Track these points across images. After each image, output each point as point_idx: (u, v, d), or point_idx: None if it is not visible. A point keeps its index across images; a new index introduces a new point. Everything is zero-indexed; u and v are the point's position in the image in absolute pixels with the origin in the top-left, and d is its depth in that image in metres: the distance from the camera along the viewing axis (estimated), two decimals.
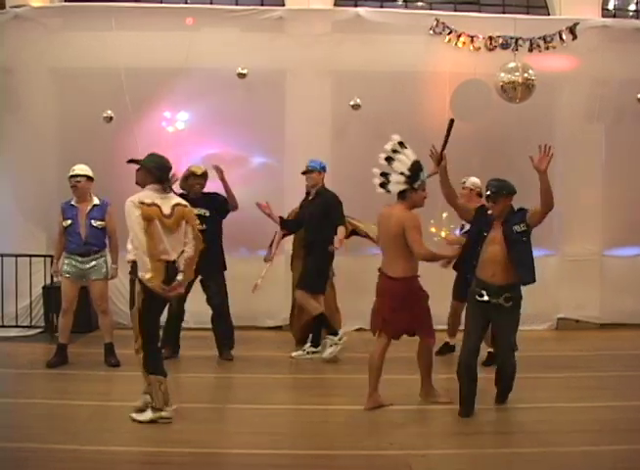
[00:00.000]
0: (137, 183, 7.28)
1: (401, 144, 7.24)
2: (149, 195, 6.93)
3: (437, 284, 8.47)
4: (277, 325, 11.10)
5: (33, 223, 10.94)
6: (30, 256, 10.51)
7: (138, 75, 10.82)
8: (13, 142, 11.05)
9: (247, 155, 11.17)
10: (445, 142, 7.45)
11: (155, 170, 7.00)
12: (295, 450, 6.25)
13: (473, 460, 6.01)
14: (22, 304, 10.87)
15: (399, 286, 7.12)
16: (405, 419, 7.07)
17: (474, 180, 9.51)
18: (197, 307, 9.71)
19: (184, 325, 9.74)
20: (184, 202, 7.21)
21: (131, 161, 7.22)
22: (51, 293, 10.70)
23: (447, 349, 9.69)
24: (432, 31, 11.14)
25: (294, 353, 9.74)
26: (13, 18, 11.05)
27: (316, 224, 9.50)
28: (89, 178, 9.17)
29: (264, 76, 11.03)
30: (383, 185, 7.22)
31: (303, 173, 9.67)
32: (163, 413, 6.98)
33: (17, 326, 10.26)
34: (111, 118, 10.79)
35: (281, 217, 9.76)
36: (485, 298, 7.02)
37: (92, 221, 9.06)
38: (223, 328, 9.58)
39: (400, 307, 7.12)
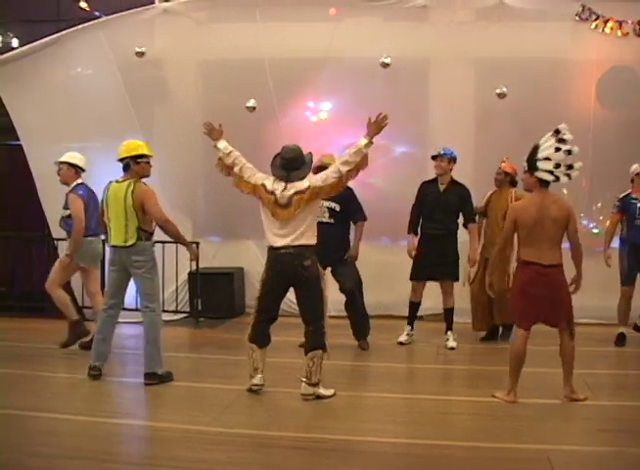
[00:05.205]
0: None
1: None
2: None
3: None
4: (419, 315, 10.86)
5: (180, 210, 11.19)
6: (177, 242, 10.77)
7: (282, 66, 11.01)
8: (162, 132, 11.42)
9: (389, 144, 11.11)
10: None
11: None
12: (430, 440, 6.19)
13: (614, 458, 5.85)
14: (169, 289, 11.22)
15: (559, 273, 7.10)
16: (546, 413, 6.92)
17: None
18: (335, 296, 9.66)
19: None
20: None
21: None
22: (196, 279, 11.00)
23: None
24: (577, 17, 10.83)
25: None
26: (162, 12, 11.46)
27: (454, 214, 9.57)
28: None
29: (407, 65, 11.01)
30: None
31: (433, 158, 9.62)
32: (253, 380, 7.36)
33: (164, 311, 10.56)
34: (254, 108, 10.99)
35: None
36: None
37: None
38: (356, 314, 9.53)
39: (555, 295, 7.06)
